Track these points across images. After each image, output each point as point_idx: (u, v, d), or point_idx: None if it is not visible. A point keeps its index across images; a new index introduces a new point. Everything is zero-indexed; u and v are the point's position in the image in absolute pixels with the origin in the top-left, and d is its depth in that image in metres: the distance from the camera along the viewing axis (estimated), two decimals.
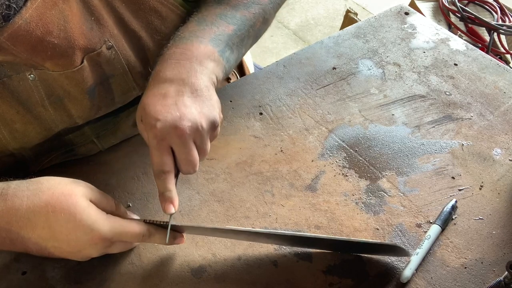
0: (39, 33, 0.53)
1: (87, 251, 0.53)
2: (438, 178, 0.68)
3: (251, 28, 0.67)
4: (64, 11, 0.54)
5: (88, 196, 0.53)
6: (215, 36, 0.62)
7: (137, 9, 0.62)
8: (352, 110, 0.78)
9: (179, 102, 0.54)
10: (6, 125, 0.59)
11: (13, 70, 0.56)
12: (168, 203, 0.53)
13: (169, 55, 0.59)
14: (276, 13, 0.73)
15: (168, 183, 0.54)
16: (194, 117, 0.54)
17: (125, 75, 0.64)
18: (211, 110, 0.56)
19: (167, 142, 0.53)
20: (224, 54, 0.62)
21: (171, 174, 0.54)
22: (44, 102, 0.59)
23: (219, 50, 0.61)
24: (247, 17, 0.66)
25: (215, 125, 0.57)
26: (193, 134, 0.54)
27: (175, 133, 0.53)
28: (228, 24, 0.64)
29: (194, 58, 0.58)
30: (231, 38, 0.63)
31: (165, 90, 0.56)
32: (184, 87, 0.56)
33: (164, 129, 0.53)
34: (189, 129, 0.53)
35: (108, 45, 0.60)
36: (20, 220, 0.50)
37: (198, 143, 0.55)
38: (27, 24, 0.51)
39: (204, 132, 0.55)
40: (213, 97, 0.58)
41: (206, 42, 0.60)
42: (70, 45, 0.56)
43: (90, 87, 0.61)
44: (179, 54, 0.59)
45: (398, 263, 0.59)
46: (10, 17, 0.50)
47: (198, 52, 0.59)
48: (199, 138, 0.55)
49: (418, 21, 0.95)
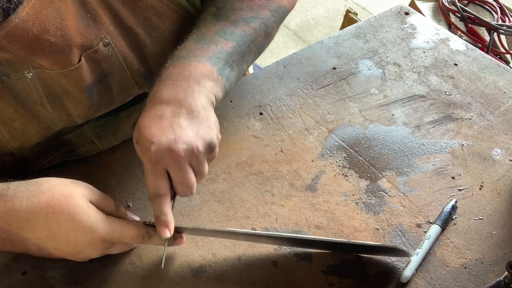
0: (36, 32, 0.52)
1: (87, 252, 0.53)
2: (438, 178, 0.68)
3: (251, 43, 0.65)
4: (60, 8, 0.54)
5: (88, 197, 0.53)
6: (213, 54, 0.60)
7: (134, 5, 0.61)
8: (352, 110, 0.78)
9: (175, 124, 0.53)
10: (5, 124, 0.59)
11: (12, 69, 0.56)
12: (164, 227, 0.53)
13: (167, 75, 0.58)
14: (279, 26, 0.71)
15: (164, 206, 0.53)
16: (189, 140, 0.53)
17: (123, 73, 0.64)
18: (208, 131, 0.55)
19: (162, 166, 0.52)
20: (224, 72, 0.61)
21: (166, 197, 0.53)
22: (42, 100, 0.59)
23: (218, 69, 0.60)
24: (247, 32, 0.65)
25: (212, 146, 0.55)
26: (188, 157, 0.52)
27: (170, 156, 0.51)
28: (227, 41, 0.62)
29: (192, 78, 0.57)
30: (230, 55, 0.62)
31: (161, 111, 0.54)
32: (180, 108, 0.55)
33: (158, 152, 0.52)
34: (184, 152, 0.52)
35: (105, 42, 0.60)
36: (20, 221, 0.50)
37: (195, 166, 0.54)
38: (23, 22, 0.51)
39: (200, 154, 0.53)
40: (210, 118, 0.56)
41: (204, 61, 0.59)
42: (67, 43, 0.56)
43: (89, 86, 0.61)
44: (176, 74, 0.58)
45: (398, 263, 0.59)
46: (10, 11, 0.49)
47: (196, 72, 0.58)
48: (195, 161, 0.53)
49: (418, 21, 0.95)
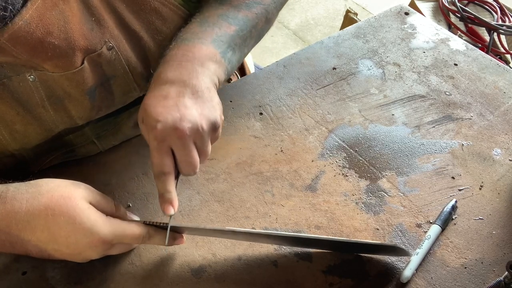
0: (39, 34, 0.52)
1: (87, 254, 0.53)
2: (438, 178, 0.68)
3: (253, 28, 0.67)
4: (64, 11, 0.54)
5: (87, 198, 0.53)
6: (216, 37, 0.61)
7: (138, 9, 0.62)
8: (352, 110, 0.78)
9: (180, 103, 0.54)
10: (6, 126, 0.59)
11: (13, 71, 0.56)
12: (168, 204, 0.53)
13: (171, 56, 0.59)
14: (278, 12, 0.73)
15: (168, 184, 0.53)
16: (194, 118, 0.54)
17: (126, 76, 0.64)
18: (212, 111, 0.56)
19: (167, 143, 0.53)
20: (226, 55, 0.62)
21: (171, 175, 0.54)
22: (44, 103, 0.59)
23: (221, 52, 0.61)
24: (249, 17, 0.66)
25: (216, 126, 0.56)
26: (193, 136, 0.53)
27: (175, 134, 0.53)
28: (230, 24, 0.64)
29: (196, 60, 0.58)
30: (233, 39, 0.63)
31: (166, 91, 0.56)
32: (185, 88, 0.56)
33: (164, 130, 0.53)
34: (189, 130, 0.53)
35: (108, 46, 0.60)
36: (20, 223, 0.50)
37: (199, 145, 0.55)
38: (27, 25, 0.51)
39: (205, 133, 0.54)
40: (214, 98, 0.58)
41: (208, 44, 0.60)
42: (71, 46, 0.56)
43: (91, 88, 0.61)
44: (180, 55, 0.59)
45: (398, 263, 0.59)
46: (6, 18, 0.49)
47: (200, 54, 0.59)
48: (200, 140, 0.54)
49: (418, 21, 0.95)
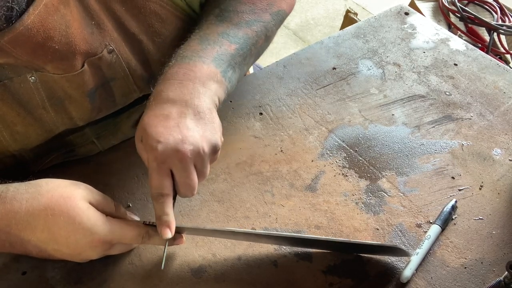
0: (40, 39, 0.52)
1: (87, 254, 0.53)
2: (438, 178, 0.68)
3: (253, 46, 0.66)
4: (65, 16, 0.54)
5: (87, 198, 0.53)
6: (217, 56, 0.61)
7: (137, 12, 0.61)
8: (352, 110, 0.78)
9: (182, 125, 0.54)
10: (6, 127, 0.59)
11: (14, 72, 0.56)
12: (165, 228, 0.53)
13: (172, 74, 0.58)
14: (277, 30, 0.72)
15: (166, 206, 0.53)
16: (196, 140, 0.53)
17: (126, 78, 0.64)
18: (213, 133, 0.56)
19: (167, 165, 0.52)
20: (227, 75, 0.61)
21: (169, 197, 0.53)
22: (45, 104, 0.59)
23: (222, 71, 0.60)
24: (249, 35, 0.65)
25: (216, 148, 0.56)
26: (194, 158, 0.53)
27: (176, 156, 0.52)
28: (230, 43, 0.63)
29: (197, 80, 0.58)
30: (233, 57, 0.62)
31: (168, 111, 0.55)
32: (186, 109, 0.55)
33: (165, 152, 0.52)
34: (191, 152, 0.52)
35: (109, 49, 0.60)
36: (19, 223, 0.50)
37: (199, 167, 0.54)
38: (28, 30, 0.50)
39: (205, 156, 0.54)
40: (215, 120, 0.57)
41: (209, 63, 0.59)
42: (71, 50, 0.56)
43: (91, 90, 0.61)
44: (182, 74, 0.58)
45: (398, 263, 0.59)
46: (13, 18, 0.49)
47: (201, 73, 0.58)
48: (200, 162, 0.54)
49: (418, 21, 0.95)
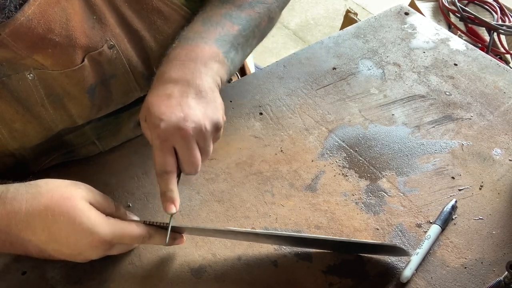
0: (41, 31, 0.52)
1: (87, 254, 0.53)
2: (438, 178, 0.68)
3: (256, 27, 0.67)
4: (66, 9, 0.54)
5: (87, 198, 0.53)
6: (220, 37, 0.62)
7: (140, 8, 0.62)
8: (352, 110, 0.78)
9: (184, 103, 0.55)
10: (5, 125, 0.59)
11: (13, 70, 0.56)
12: (170, 203, 0.54)
13: (174, 55, 0.59)
14: (281, 11, 0.73)
15: (170, 183, 0.54)
16: (198, 119, 0.54)
17: (126, 75, 0.64)
18: (215, 112, 0.56)
19: (170, 143, 0.53)
20: (229, 55, 0.62)
21: (173, 174, 0.54)
22: (43, 101, 0.59)
23: (224, 51, 0.61)
24: (252, 16, 0.66)
25: (219, 127, 0.57)
26: (196, 136, 0.54)
27: (178, 134, 0.53)
28: (233, 24, 0.64)
29: (199, 60, 0.58)
30: (236, 38, 0.63)
31: (170, 90, 0.56)
32: (188, 88, 0.56)
33: (167, 130, 0.53)
34: (193, 130, 0.53)
35: (109, 44, 0.60)
36: (19, 223, 0.50)
37: (201, 145, 0.55)
38: (29, 21, 0.51)
39: (208, 133, 0.55)
40: (217, 99, 0.58)
41: (211, 43, 0.60)
42: (71, 44, 0.56)
43: (90, 87, 0.61)
44: (184, 55, 0.59)
45: (398, 263, 0.59)
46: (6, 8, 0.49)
47: (203, 54, 0.59)
48: (202, 140, 0.55)
49: (418, 21, 0.95)
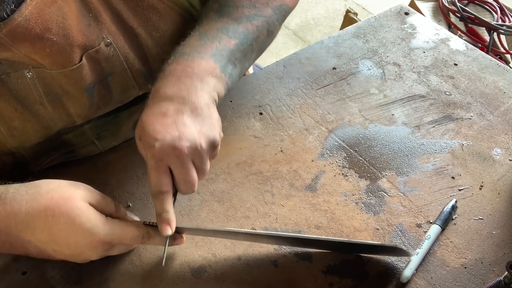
0: (38, 30, 0.53)
1: (87, 254, 0.53)
2: (438, 178, 0.68)
3: (254, 41, 0.65)
4: (62, 8, 0.54)
5: (87, 199, 0.53)
6: (216, 51, 0.60)
7: (135, 6, 0.61)
8: (352, 110, 0.78)
9: (179, 121, 0.53)
10: (4, 123, 0.59)
11: (11, 68, 0.56)
12: (165, 224, 0.53)
13: (170, 71, 0.58)
14: (281, 24, 0.71)
15: (166, 203, 0.53)
16: (193, 137, 0.53)
17: (124, 73, 0.64)
18: (211, 129, 0.55)
19: (165, 163, 0.52)
20: (226, 70, 0.61)
21: (169, 194, 0.53)
22: (42, 100, 0.59)
23: (221, 66, 0.60)
24: (249, 30, 0.64)
25: (215, 144, 0.55)
26: (191, 154, 0.53)
27: (173, 154, 0.52)
28: (229, 38, 0.62)
29: (195, 75, 0.57)
30: (233, 53, 0.62)
31: (165, 108, 0.54)
32: (184, 105, 0.55)
33: (162, 150, 0.52)
34: (188, 149, 0.52)
35: (106, 42, 0.60)
36: (19, 224, 0.50)
37: (197, 163, 0.54)
38: (26, 21, 0.51)
39: (204, 152, 0.54)
40: (213, 115, 0.57)
41: (208, 58, 0.59)
42: (69, 42, 0.56)
43: (89, 86, 0.61)
44: (180, 70, 0.58)
45: (398, 263, 0.59)
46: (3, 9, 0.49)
47: (199, 69, 0.58)
48: (198, 159, 0.54)
49: (418, 21, 0.95)
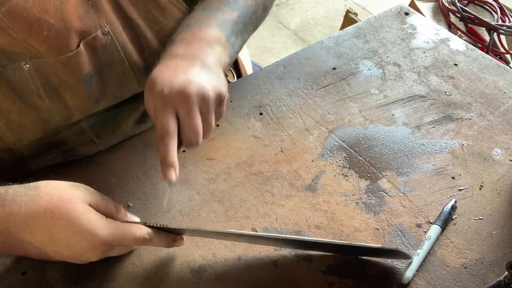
0: (35, 11, 0.53)
1: (87, 255, 0.53)
2: (438, 178, 0.68)
3: (253, 15, 0.69)
4: None
5: (87, 200, 0.53)
6: (221, 22, 0.63)
7: None
8: (352, 110, 0.78)
9: (188, 71, 0.55)
10: (1, 115, 0.59)
11: (8, 60, 0.56)
12: (170, 168, 0.52)
13: (178, 39, 0.61)
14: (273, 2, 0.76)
15: (170, 146, 0.52)
16: (202, 84, 0.54)
17: (122, 64, 0.64)
18: (220, 82, 0.57)
19: (172, 106, 0.53)
20: (230, 40, 0.63)
21: (174, 138, 0.53)
22: (39, 91, 0.59)
23: (226, 35, 0.63)
24: (249, 4, 0.68)
25: (222, 98, 0.57)
26: (199, 101, 0.54)
27: (181, 97, 0.53)
28: (232, 10, 0.66)
29: (204, 41, 0.60)
30: (235, 24, 0.65)
31: (176, 63, 0.57)
32: (194, 61, 0.57)
33: (170, 93, 0.53)
34: (196, 94, 0.53)
35: (104, 30, 0.60)
36: (19, 225, 0.50)
37: (204, 112, 0.55)
38: (24, 1, 0.52)
39: (211, 101, 0.55)
40: (221, 74, 0.59)
41: (214, 27, 0.62)
42: (66, 27, 0.56)
43: (87, 76, 0.61)
44: (188, 38, 0.61)
45: (398, 263, 0.59)
46: None
47: (207, 36, 0.61)
48: (205, 107, 0.54)
49: (418, 21, 0.95)
